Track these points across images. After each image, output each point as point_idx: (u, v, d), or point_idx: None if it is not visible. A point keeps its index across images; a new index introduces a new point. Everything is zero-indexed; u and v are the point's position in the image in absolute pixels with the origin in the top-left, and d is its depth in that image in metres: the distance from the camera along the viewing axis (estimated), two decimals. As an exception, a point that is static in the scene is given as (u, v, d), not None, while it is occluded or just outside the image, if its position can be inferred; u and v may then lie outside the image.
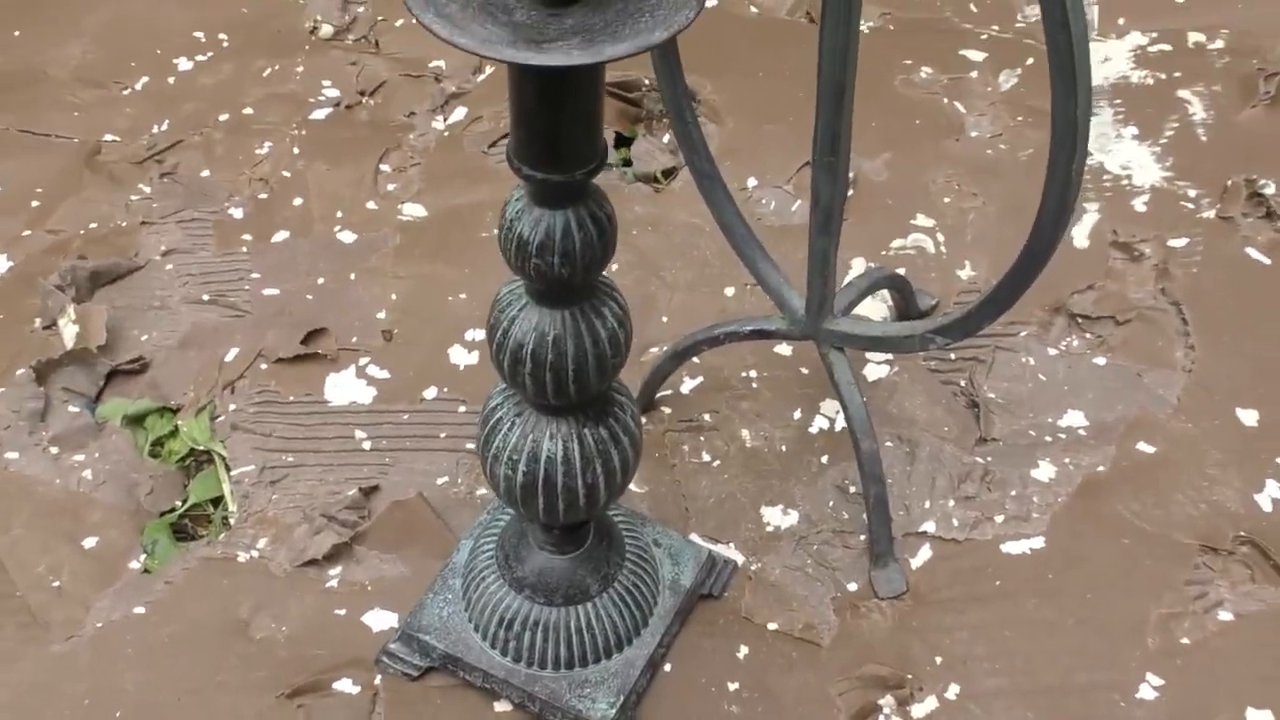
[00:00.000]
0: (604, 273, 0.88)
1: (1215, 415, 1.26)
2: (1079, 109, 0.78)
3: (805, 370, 1.35)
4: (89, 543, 1.24)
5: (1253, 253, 1.39)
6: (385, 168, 1.61)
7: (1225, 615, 1.13)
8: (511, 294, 0.89)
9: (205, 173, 1.61)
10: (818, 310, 1.15)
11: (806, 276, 1.13)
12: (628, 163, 1.59)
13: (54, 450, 1.32)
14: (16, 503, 1.28)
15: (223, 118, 1.68)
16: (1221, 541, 1.17)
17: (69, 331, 1.42)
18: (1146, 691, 1.09)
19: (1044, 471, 1.24)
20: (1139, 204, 1.45)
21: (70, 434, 1.34)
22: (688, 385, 1.35)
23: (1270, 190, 1.43)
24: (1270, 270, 1.37)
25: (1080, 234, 1.42)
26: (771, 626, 1.16)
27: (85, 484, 1.30)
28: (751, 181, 1.53)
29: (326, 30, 1.85)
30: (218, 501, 1.30)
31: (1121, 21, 1.68)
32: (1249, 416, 1.26)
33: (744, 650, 1.14)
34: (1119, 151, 1.50)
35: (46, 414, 1.36)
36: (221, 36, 1.82)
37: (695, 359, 1.37)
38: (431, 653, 1.10)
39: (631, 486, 1.26)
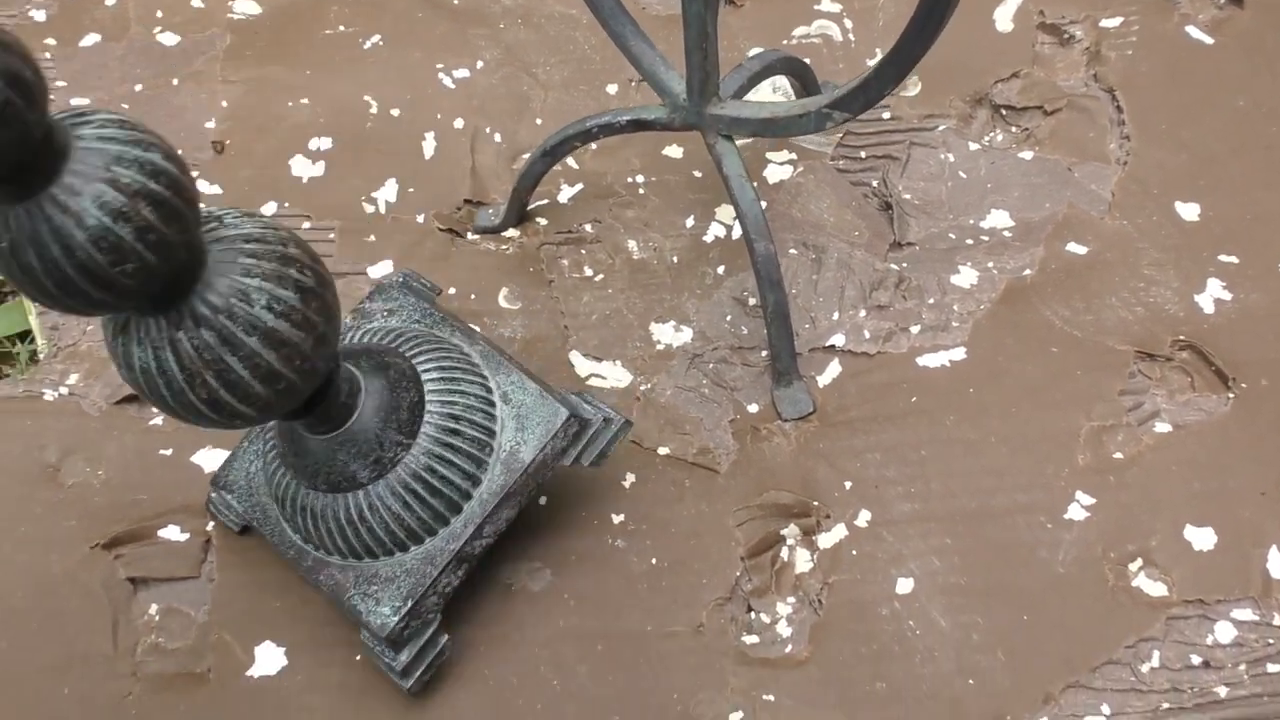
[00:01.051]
0: None
1: (1152, 211, 1.13)
2: None
3: (698, 174, 1.19)
4: None
5: (1194, 32, 1.25)
6: (220, -40, 1.40)
7: (1162, 426, 1.02)
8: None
9: (8, -32, 1.38)
10: (700, 92, 0.99)
11: (685, 55, 0.96)
12: (499, -49, 1.40)
13: None
14: None
15: (28, -95, 1.45)
16: (1159, 347, 1.05)
17: None
18: (1076, 511, 0.97)
19: (965, 277, 1.11)
20: (1068, -16, 1.30)
21: None
22: (565, 194, 1.19)
23: (1211, -34, 1.29)
24: (1212, 51, 1.23)
25: (1004, 16, 1.27)
26: (662, 451, 1.02)
27: None
28: (637, -33, 1.35)
29: None
30: (24, 336, 1.12)
31: None
32: (1189, 211, 1.13)
33: (630, 478, 1.01)
34: (1046, -72, 1.34)
35: None
36: None
37: (573, 162, 1.20)
38: (235, 512, 0.95)
39: (503, 303, 1.11)
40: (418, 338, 0.93)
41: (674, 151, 1.21)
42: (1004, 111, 1.21)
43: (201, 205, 0.65)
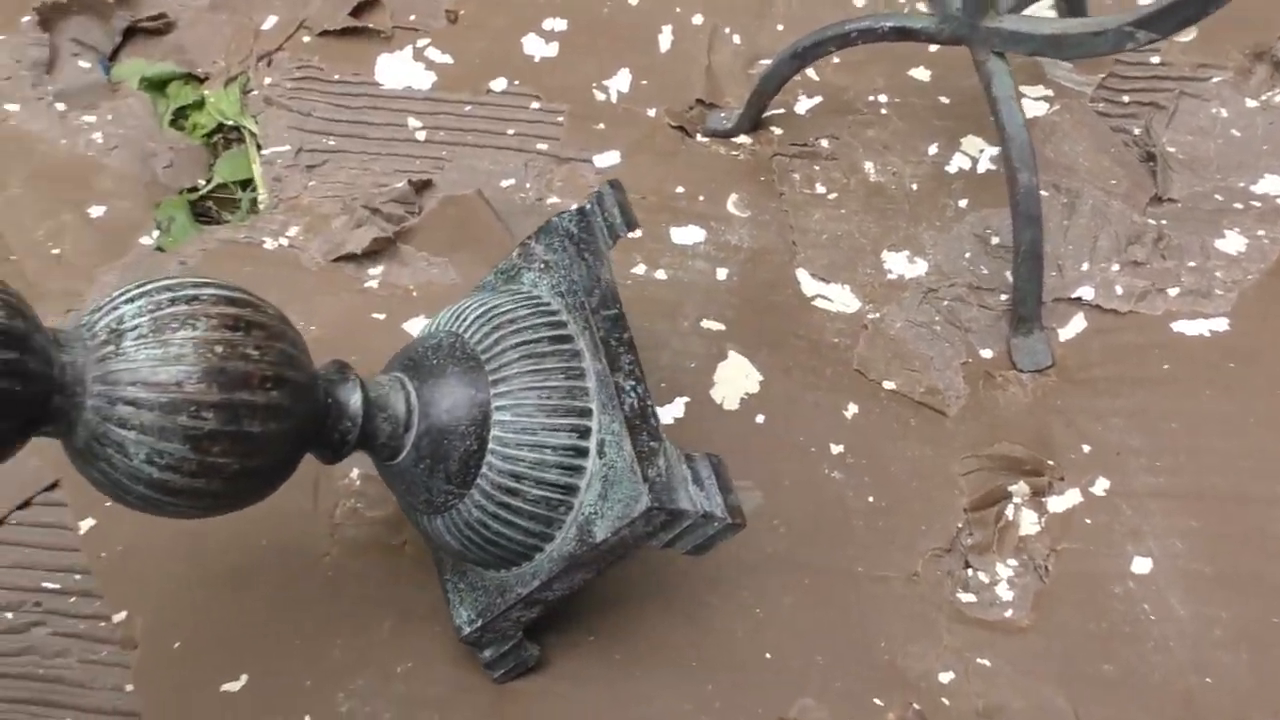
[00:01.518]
0: None
1: None
2: None
3: (946, 99, 1.12)
4: (95, 211, 1.06)
5: None
6: None
7: None
8: None
9: None
10: (976, 3, 0.92)
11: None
12: None
13: (60, 107, 1.13)
14: (14, 160, 1.10)
15: None
16: None
17: (82, -25, 1.20)
18: (1338, 507, 0.90)
19: (1231, 243, 1.02)
20: (1376, -60, 1.18)
21: (79, 91, 1.14)
22: (803, 105, 1.13)
23: None
24: None
25: (1300, -32, 1.17)
26: (888, 385, 0.97)
27: (94, 147, 1.11)
28: (901, -125, 1.27)
29: None
30: (246, 184, 1.11)
31: None
32: None
33: (853, 408, 0.95)
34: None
35: (53, 66, 1.16)
36: None
37: (813, 73, 1.14)
38: None
39: (731, 209, 1.06)
40: (529, 341, 0.75)
41: (920, 73, 1.14)
42: (1290, 69, 1.12)
43: (101, 319, 0.60)
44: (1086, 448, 0.93)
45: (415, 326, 0.99)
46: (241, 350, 0.61)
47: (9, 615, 0.87)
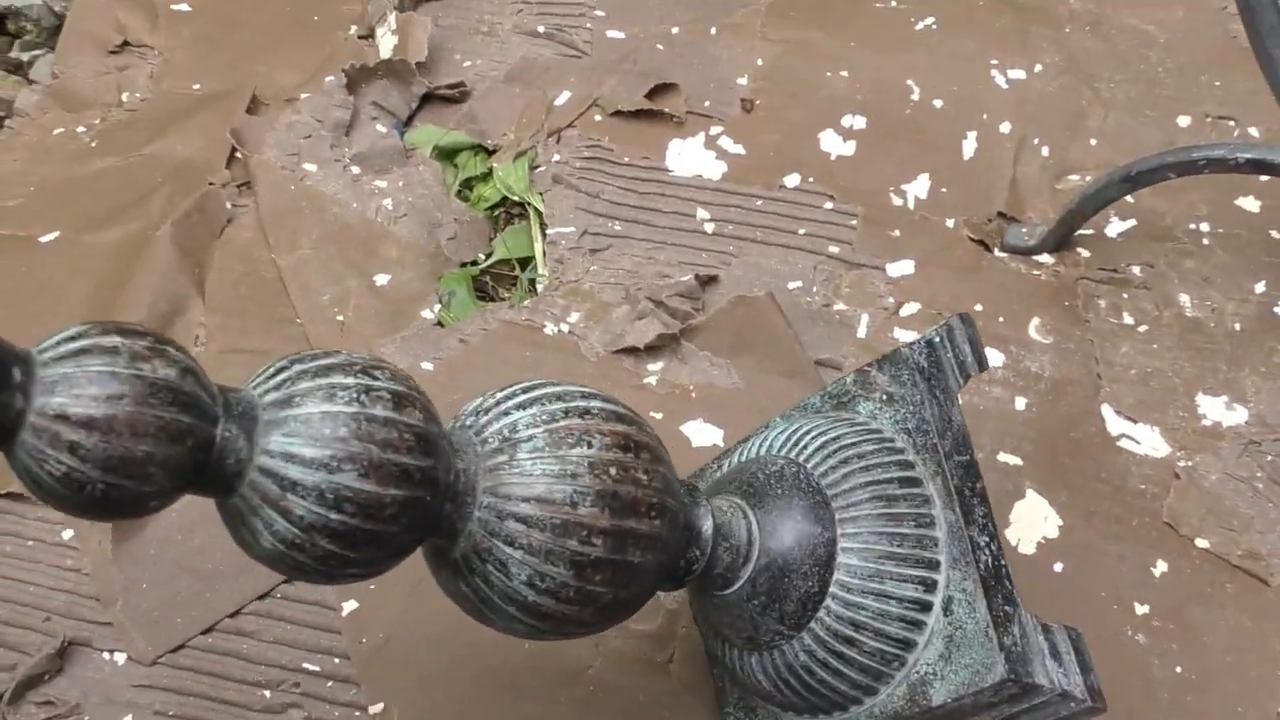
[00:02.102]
0: None
1: None
2: None
3: (1277, 234, 1.04)
4: (380, 279, 1.07)
5: None
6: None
7: None
8: None
9: (558, -108, 1.38)
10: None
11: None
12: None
13: (355, 170, 1.15)
14: (308, 221, 1.11)
15: None
16: None
17: (386, 42, 1.23)
18: None
19: None
20: None
21: (375, 155, 1.16)
22: (1115, 227, 1.06)
23: None
24: None
25: None
26: (1201, 543, 0.88)
27: (384, 213, 1.12)
28: (1231, -11, 1.19)
29: None
30: (526, 263, 1.10)
31: None
32: None
33: (1161, 565, 0.87)
34: None
35: (352, 128, 1.18)
36: None
37: (1129, 196, 1.07)
38: None
39: (1033, 334, 0.99)
40: (879, 481, 0.69)
41: (1249, 203, 1.06)
42: None
43: (492, 423, 0.57)
44: None
45: (692, 429, 0.96)
46: (633, 474, 0.58)
47: (267, 693, 0.86)
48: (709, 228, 1.08)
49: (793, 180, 1.10)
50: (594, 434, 0.57)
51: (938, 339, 0.70)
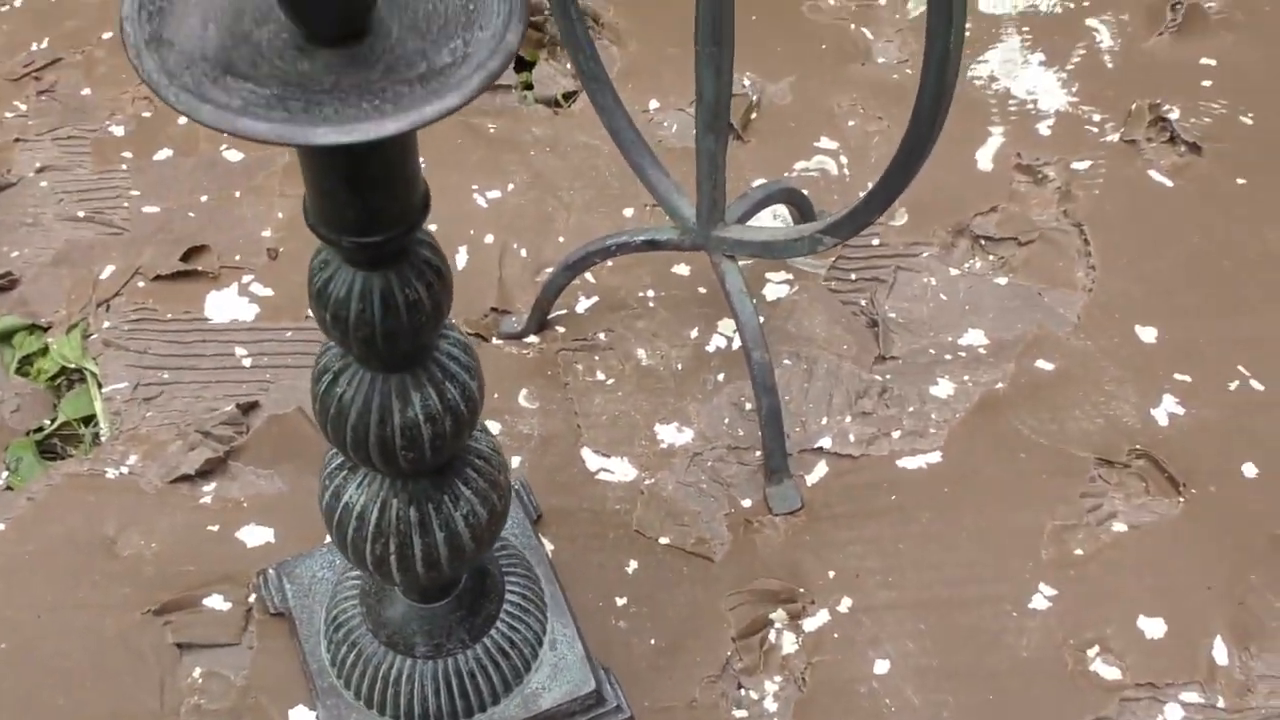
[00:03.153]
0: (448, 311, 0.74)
1: (1114, 333, 1.25)
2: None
3: (703, 290, 1.31)
4: (-54, 460, 1.18)
5: (1155, 175, 1.38)
6: (276, 87, 1.55)
7: (1119, 527, 1.12)
8: (333, 355, 0.76)
9: (85, 91, 1.53)
10: (708, 217, 1.11)
11: (696, 184, 1.09)
12: (529, 86, 1.54)
13: (-87, 367, 1.25)
14: None
15: (105, 36, 1.60)
16: (1117, 455, 1.16)
17: (-67, 247, 1.35)
18: (1039, 602, 1.07)
19: (942, 389, 1.22)
20: (1044, 128, 1.43)
21: (-69, 351, 1.27)
22: (583, 304, 1.31)
23: (1174, 115, 1.42)
24: (1171, 192, 1.36)
25: (984, 157, 1.40)
26: (663, 541, 1.12)
27: (-55, 401, 1.23)
28: (653, 104, 1.49)
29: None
30: (89, 420, 1.24)
31: (1032, -47, 1.66)
32: (1147, 334, 1.25)
33: (634, 565, 1.11)
34: (1025, 77, 1.48)
35: (-94, 331, 1.29)
36: (108, -46, 1.74)
37: (590, 277, 1.33)
38: (282, 598, 1.05)
39: (522, 402, 1.22)
40: (516, 558, 1.01)
41: (682, 269, 1.34)
42: (983, 241, 1.34)
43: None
44: (831, 573, 1.09)
45: (249, 534, 1.12)
46: None
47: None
48: (247, 362, 1.26)
49: (315, 311, 1.30)
50: None
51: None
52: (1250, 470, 1.15)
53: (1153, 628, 1.05)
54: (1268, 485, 1.14)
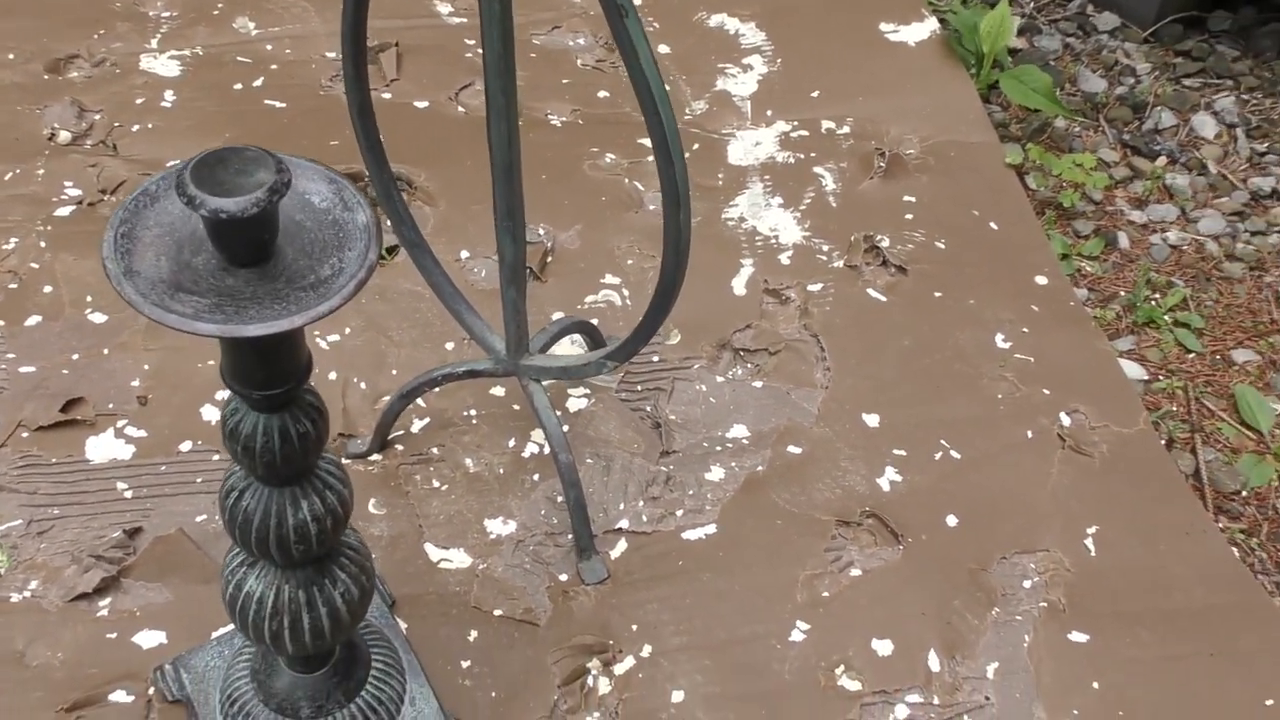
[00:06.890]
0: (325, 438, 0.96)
1: (846, 421, 1.57)
2: (677, 176, 1.05)
3: (516, 407, 1.59)
4: None
5: (872, 293, 1.73)
6: (132, 254, 1.76)
7: (855, 572, 1.42)
8: (238, 476, 0.98)
9: (-45, 265, 1.72)
10: (515, 349, 1.39)
11: (504, 323, 1.37)
12: (357, 242, 1.80)
13: None
14: None
15: (-31, 215, 1.80)
16: (852, 516, 1.47)
17: None
18: (796, 635, 1.36)
19: (715, 474, 1.51)
20: (784, 258, 1.77)
21: None
22: (417, 425, 1.56)
23: (885, 243, 1.78)
24: (886, 306, 1.71)
25: (739, 284, 1.73)
26: (497, 613, 1.37)
27: None
28: (464, 254, 1.77)
29: (65, 136, 1.99)
30: (-13, 556, 1.42)
31: (769, 113, 2.02)
32: (872, 420, 1.58)
33: (474, 634, 1.35)
34: (768, 217, 1.83)
35: None
36: (-37, 141, 1.93)
37: (422, 402, 1.58)
38: (179, 687, 1.25)
39: (371, 510, 1.46)
40: (378, 634, 1.24)
41: (498, 391, 1.61)
42: (741, 353, 1.65)
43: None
44: (635, 627, 1.36)
45: (144, 637, 1.32)
46: None
47: None
48: (128, 494, 1.46)
49: (186, 445, 1.51)
50: None
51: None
52: (952, 520, 1.48)
53: (883, 647, 1.36)
54: (965, 532, 1.47)
